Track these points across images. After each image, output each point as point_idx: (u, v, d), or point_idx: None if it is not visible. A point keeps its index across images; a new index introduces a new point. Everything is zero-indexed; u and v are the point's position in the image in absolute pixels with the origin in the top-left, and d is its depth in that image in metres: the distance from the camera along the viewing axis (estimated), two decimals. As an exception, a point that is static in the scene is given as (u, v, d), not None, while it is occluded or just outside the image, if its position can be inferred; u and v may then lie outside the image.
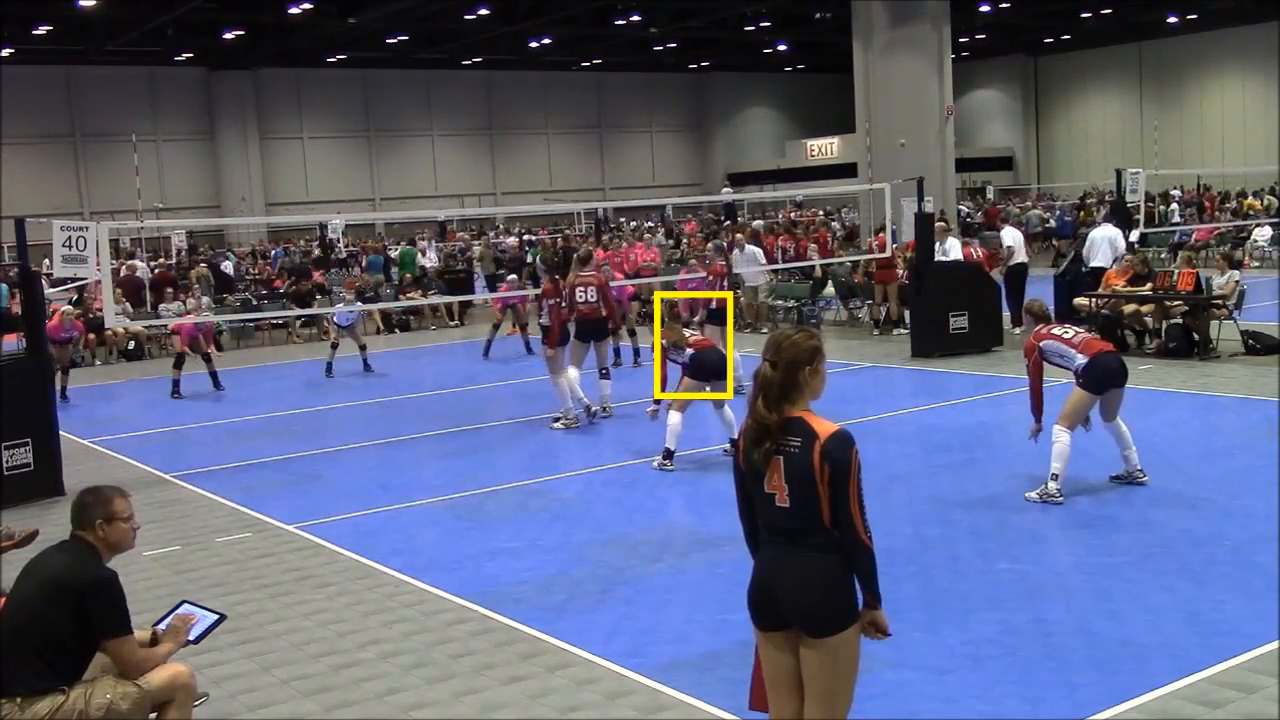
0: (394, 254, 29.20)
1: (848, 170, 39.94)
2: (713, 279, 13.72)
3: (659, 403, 10.43)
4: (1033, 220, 31.74)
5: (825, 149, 53.46)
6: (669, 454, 9.98)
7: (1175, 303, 14.53)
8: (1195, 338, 14.29)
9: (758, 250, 18.77)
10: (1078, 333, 8.71)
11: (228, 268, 28.73)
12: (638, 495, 9.30)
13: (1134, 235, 17.67)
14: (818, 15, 41.71)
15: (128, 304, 21.50)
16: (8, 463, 9.85)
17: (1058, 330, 8.66)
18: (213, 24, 37.20)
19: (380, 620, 6.69)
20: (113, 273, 15.90)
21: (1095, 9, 42.93)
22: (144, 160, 39.10)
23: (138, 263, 27.27)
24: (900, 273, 17.89)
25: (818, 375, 3.92)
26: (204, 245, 37.44)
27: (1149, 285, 14.82)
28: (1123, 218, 17.58)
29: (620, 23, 40.25)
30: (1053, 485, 8.26)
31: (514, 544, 8.06)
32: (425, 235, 35.75)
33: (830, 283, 20.56)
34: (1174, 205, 34.08)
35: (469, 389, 15.49)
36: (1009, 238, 17.77)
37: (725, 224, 27.64)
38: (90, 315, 19.39)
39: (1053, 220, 33.63)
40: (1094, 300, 15.21)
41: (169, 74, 44.81)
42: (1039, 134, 56.53)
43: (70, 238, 10.79)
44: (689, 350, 10.17)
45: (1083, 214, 31.37)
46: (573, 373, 12.36)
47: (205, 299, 22.17)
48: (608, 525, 8.45)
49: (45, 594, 4.35)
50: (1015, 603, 6.38)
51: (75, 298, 19.33)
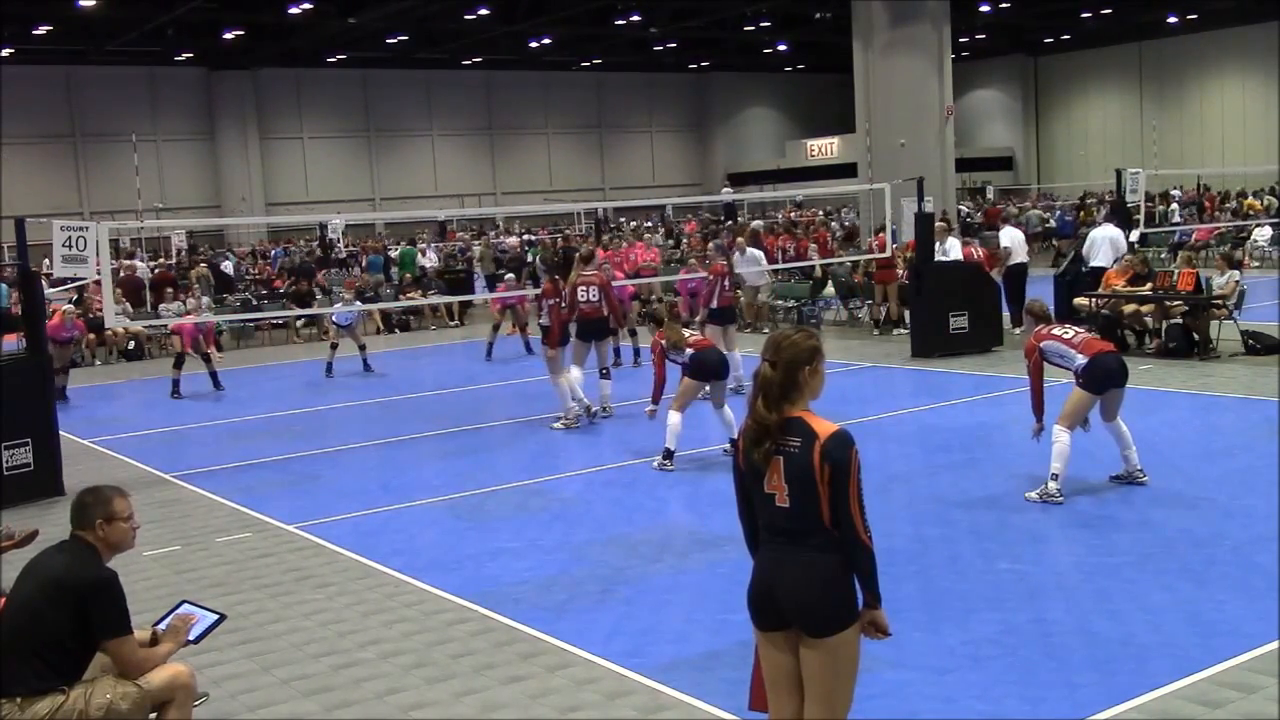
0: (394, 254, 29.21)
1: (848, 170, 39.93)
2: (713, 279, 13.72)
3: (657, 403, 10.44)
4: (1032, 220, 31.72)
5: (825, 149, 53.47)
6: (669, 454, 9.99)
7: (1175, 303, 14.53)
8: (1195, 338, 14.29)
9: (759, 253, 18.78)
10: (1078, 333, 8.71)
11: (228, 268, 28.73)
12: (638, 495, 9.30)
13: (1134, 235, 17.68)
14: (818, 15, 41.72)
15: (128, 304, 21.50)
16: (8, 463, 9.86)
17: (1058, 330, 8.66)
18: (213, 24, 37.24)
19: (380, 620, 6.69)
20: (113, 273, 15.89)
21: (1095, 9, 42.94)
22: (144, 160, 39.11)
23: (138, 263, 27.28)
24: (900, 273, 17.89)
25: (817, 375, 3.92)
26: (204, 245, 37.43)
27: (1149, 285, 14.82)
28: (1123, 218, 17.59)
29: (620, 23, 40.27)
30: (1053, 485, 8.26)
31: (514, 544, 8.06)
32: (425, 235, 35.75)
33: (830, 283, 20.55)
34: (1174, 205, 34.08)
35: (469, 389, 15.49)
36: (1006, 238, 17.76)
37: (726, 224, 27.65)
38: (90, 315, 19.39)
39: (1053, 220, 33.63)
40: (1094, 300, 15.21)
41: (169, 74, 44.81)
42: (1039, 134, 56.53)
43: (70, 238, 10.80)
44: (689, 350, 10.18)
45: (1083, 214, 31.37)
46: (576, 373, 12.35)
47: (205, 299, 22.18)
48: (608, 525, 8.45)
49: (45, 594, 4.35)
50: (1015, 603, 6.38)
51: (75, 298, 19.33)
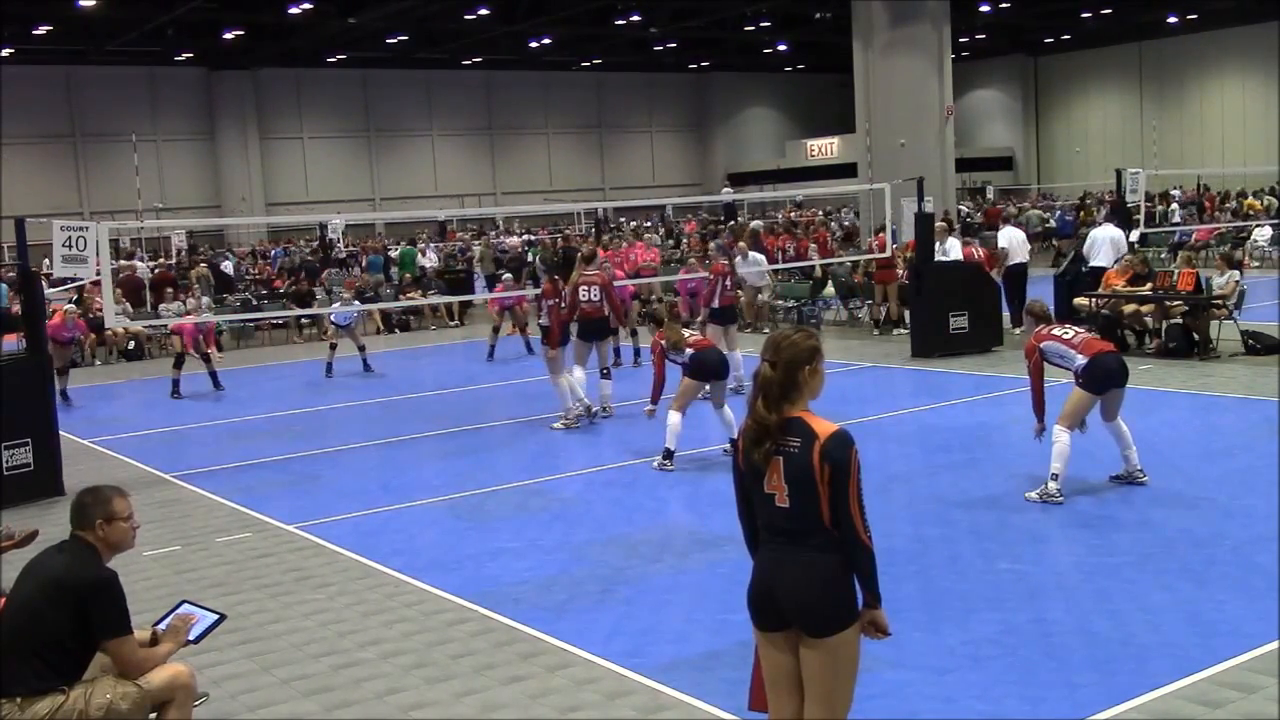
0: (394, 254, 29.20)
1: (848, 170, 39.93)
2: (714, 278, 13.72)
3: (656, 403, 10.44)
4: (1032, 220, 31.72)
5: (825, 149, 53.48)
6: (669, 454, 9.98)
7: (1175, 303, 14.53)
8: (1195, 338, 14.29)
9: (760, 257, 18.83)
10: (1078, 333, 8.70)
11: (228, 268, 28.72)
12: (638, 495, 9.30)
13: (1134, 235, 17.68)
14: (818, 15, 41.72)
15: (128, 304, 21.50)
16: (8, 463, 9.86)
17: (1058, 331, 8.66)
18: (213, 24, 37.24)
19: (380, 620, 6.69)
20: (113, 273, 15.88)
21: (1095, 9, 42.94)
22: (144, 160, 39.14)
23: (138, 263, 27.28)
24: (900, 273, 17.89)
25: (817, 375, 3.93)
26: (204, 245, 37.43)
27: (1149, 285, 14.82)
28: (1123, 218, 17.59)
29: (620, 23, 40.26)
30: (1053, 485, 8.26)
31: (514, 544, 8.06)
32: (425, 235, 35.75)
33: (830, 283, 20.55)
34: (1174, 205, 34.07)
35: (469, 389, 15.49)
36: (1004, 238, 17.75)
37: (728, 224, 27.64)
38: (90, 315, 19.39)
39: (1053, 220, 33.62)
40: (1094, 300, 15.21)
41: (169, 74, 44.81)
42: (1039, 134, 56.53)
43: (70, 238, 10.80)
44: (689, 350, 10.17)
45: (1083, 214, 31.37)
46: (579, 373, 12.35)
47: (205, 299, 22.17)
48: (608, 525, 8.45)
49: (45, 594, 4.35)
50: (1015, 603, 6.38)
51: (75, 298, 19.33)
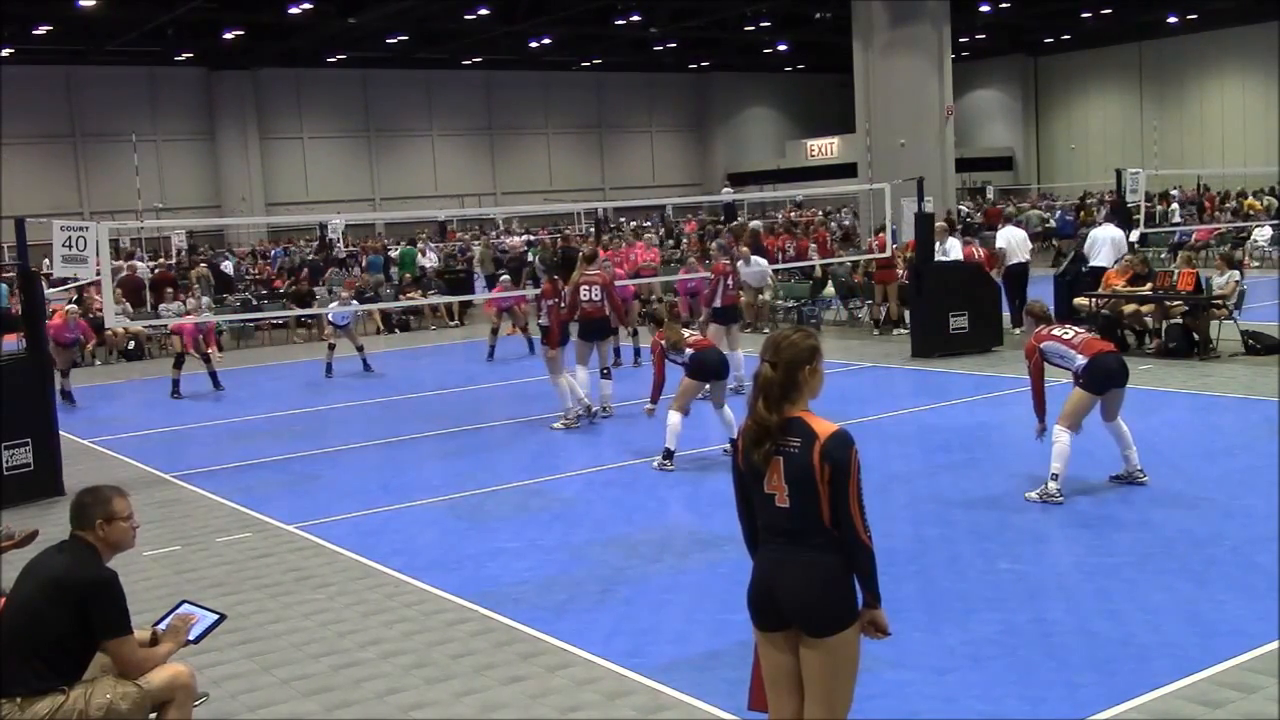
0: (394, 254, 29.19)
1: (848, 170, 39.93)
2: (716, 278, 13.72)
3: (655, 403, 10.44)
4: (1032, 220, 31.71)
5: (825, 149, 53.48)
6: (669, 454, 9.98)
7: (1175, 303, 14.53)
8: (1195, 338, 14.29)
9: (763, 261, 18.88)
10: (1078, 333, 8.70)
11: (228, 268, 28.72)
12: (638, 495, 9.30)
13: (1134, 235, 17.67)
14: (818, 15, 41.70)
15: (128, 304, 21.49)
16: (8, 463, 9.86)
17: (1058, 331, 8.66)
18: (213, 24, 37.22)
19: (380, 620, 6.69)
20: (113, 273, 15.88)
21: (1095, 9, 42.94)
22: (144, 160, 39.12)
23: (138, 263, 27.27)
24: (900, 273, 17.89)
25: (816, 374, 3.93)
26: (204, 245, 37.43)
27: (1149, 285, 14.81)
28: (1123, 218, 17.58)
29: (620, 23, 40.25)
30: (1053, 485, 8.26)
31: (514, 544, 8.06)
32: (425, 235, 35.73)
33: (830, 283, 20.56)
34: (1174, 205, 34.06)
35: (469, 389, 15.49)
36: (1003, 238, 17.75)
37: (728, 224, 27.62)
38: (90, 315, 19.38)
39: (1053, 220, 33.61)
40: (1094, 300, 15.21)
41: (169, 74, 44.80)
42: (1039, 134, 56.53)
43: (70, 238, 10.79)
44: (689, 350, 10.18)
45: (1083, 214, 31.36)
46: (581, 373, 12.35)
47: (205, 299, 22.17)
48: (608, 525, 8.45)
49: (45, 594, 4.35)
50: (1015, 603, 6.38)
51: (75, 298, 19.32)
